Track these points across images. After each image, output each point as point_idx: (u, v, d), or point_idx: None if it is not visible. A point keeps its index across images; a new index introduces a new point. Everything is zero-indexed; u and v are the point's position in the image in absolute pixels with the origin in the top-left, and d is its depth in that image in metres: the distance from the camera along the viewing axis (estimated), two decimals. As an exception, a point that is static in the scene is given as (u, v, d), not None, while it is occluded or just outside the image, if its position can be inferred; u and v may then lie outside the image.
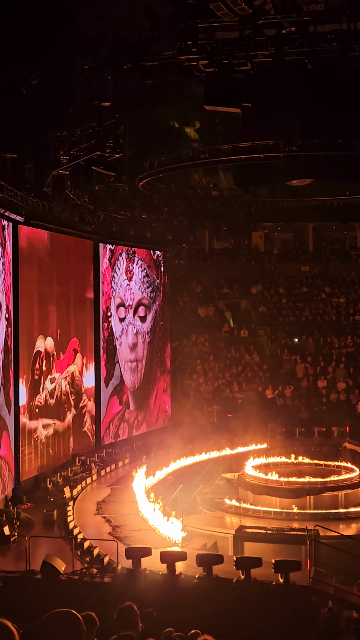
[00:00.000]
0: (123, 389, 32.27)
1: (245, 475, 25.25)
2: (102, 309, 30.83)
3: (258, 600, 15.85)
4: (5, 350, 22.56)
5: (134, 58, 16.76)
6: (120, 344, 32.03)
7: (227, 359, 37.65)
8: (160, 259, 35.18)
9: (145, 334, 33.86)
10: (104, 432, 30.72)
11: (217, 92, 15.69)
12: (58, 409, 26.85)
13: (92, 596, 15.42)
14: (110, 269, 31.18)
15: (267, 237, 43.90)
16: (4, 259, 22.74)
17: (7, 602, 14.82)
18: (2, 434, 22.15)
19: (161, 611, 12.64)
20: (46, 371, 25.92)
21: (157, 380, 34.96)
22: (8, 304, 23.01)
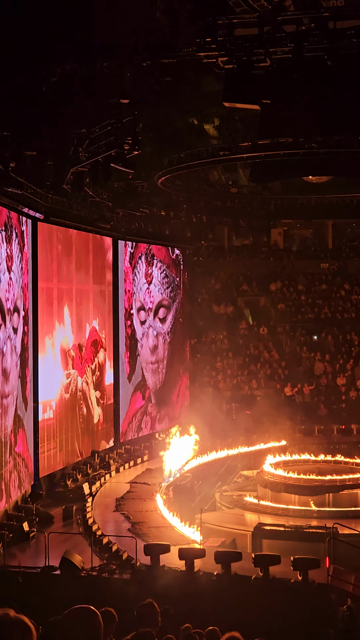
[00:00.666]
0: (146, 385, 32.39)
1: (264, 472, 25.23)
2: (125, 306, 30.93)
3: (276, 597, 15.84)
4: (22, 348, 22.63)
5: (153, 55, 16.76)
6: (141, 346, 32.16)
7: (246, 356, 37.59)
8: (179, 257, 35.19)
9: (165, 334, 33.94)
10: (126, 427, 30.83)
11: (236, 88, 15.66)
12: (76, 405, 26.93)
13: (111, 592, 15.47)
14: (131, 269, 31.26)
15: (287, 234, 43.78)
16: (23, 260, 22.81)
17: (26, 598, 14.88)
18: (18, 431, 22.24)
19: (179, 608, 12.66)
20: (64, 367, 25.99)
21: (179, 377, 35.03)
22: (25, 302, 23.08)
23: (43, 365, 24.35)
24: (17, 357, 22.01)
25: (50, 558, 16.88)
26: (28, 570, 16.72)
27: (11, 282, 21.50)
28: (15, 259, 21.99)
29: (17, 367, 22.00)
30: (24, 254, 22.88)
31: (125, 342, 30.93)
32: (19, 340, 22.20)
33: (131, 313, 31.37)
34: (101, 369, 29.13)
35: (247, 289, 41.02)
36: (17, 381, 22.03)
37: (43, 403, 24.31)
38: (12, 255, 21.70)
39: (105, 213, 28.49)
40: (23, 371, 22.73)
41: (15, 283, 21.94)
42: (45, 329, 24.59)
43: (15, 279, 21.94)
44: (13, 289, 21.67)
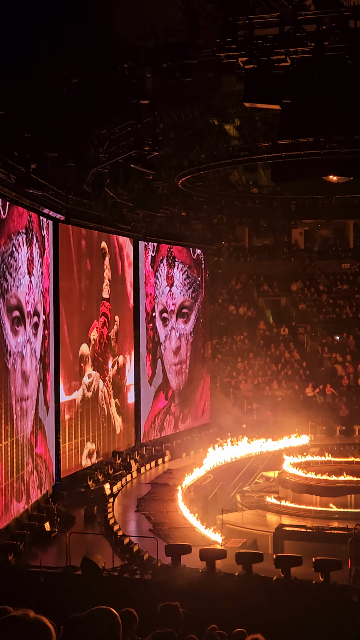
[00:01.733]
0: (169, 386, 32.43)
1: (286, 473, 25.16)
2: (147, 309, 30.99)
3: (298, 599, 15.78)
4: (43, 352, 22.71)
5: (173, 56, 16.74)
6: (164, 349, 32.21)
7: (267, 357, 37.51)
8: (200, 257, 35.18)
9: (188, 335, 33.97)
10: (149, 427, 30.88)
11: (257, 88, 15.62)
12: (97, 406, 26.98)
13: (132, 593, 15.48)
14: (152, 272, 31.31)
15: (307, 234, 43.66)
16: (43, 264, 22.90)
17: (47, 598, 14.93)
18: (38, 433, 22.32)
19: (200, 609, 12.64)
20: (84, 368, 26.06)
21: (201, 377, 35.03)
22: (46, 306, 23.15)
23: (64, 368, 24.42)
24: (37, 362, 22.08)
25: (72, 558, 16.92)
26: (49, 570, 16.77)
27: (31, 286, 21.58)
28: (36, 264, 22.08)
29: (36, 371, 22.07)
30: (44, 259, 22.96)
31: (147, 345, 30.98)
32: (38, 344, 22.28)
33: (153, 316, 31.41)
34: (121, 370, 29.17)
35: (268, 289, 40.94)
36: (36, 385, 22.10)
37: (64, 404, 24.38)
38: (33, 260, 21.79)
39: (126, 214, 28.53)
40: (44, 375, 22.80)
41: (36, 287, 22.01)
42: (66, 330, 24.66)
43: (36, 283, 22.02)
44: (33, 293, 21.75)
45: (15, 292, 20.32)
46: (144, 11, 18.07)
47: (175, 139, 24.96)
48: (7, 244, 19.60)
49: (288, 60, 15.42)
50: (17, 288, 20.38)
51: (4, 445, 19.16)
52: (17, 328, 20.33)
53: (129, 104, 18.70)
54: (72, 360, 25.05)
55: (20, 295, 20.65)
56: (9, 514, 19.46)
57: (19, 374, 20.53)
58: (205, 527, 20.57)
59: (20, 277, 20.66)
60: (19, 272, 20.48)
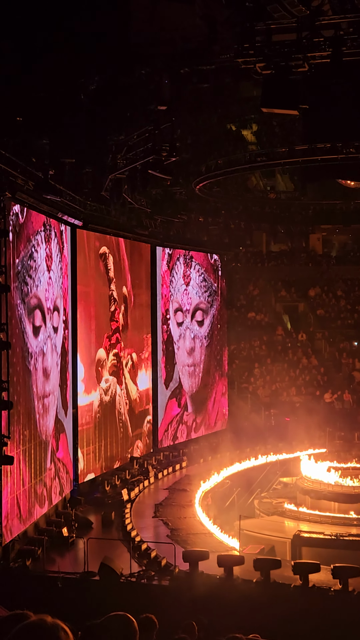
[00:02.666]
0: (181, 392, 32.35)
1: (304, 479, 25.06)
2: (162, 311, 30.97)
3: (316, 606, 15.71)
4: (62, 353, 22.79)
5: (191, 62, 16.77)
6: (178, 349, 32.13)
7: (285, 363, 37.41)
8: (217, 263, 35.16)
9: (202, 339, 33.88)
10: (162, 435, 30.82)
11: (275, 94, 15.59)
12: (115, 411, 27.01)
13: (150, 598, 15.47)
14: (168, 272, 31.30)
15: (325, 239, 43.54)
16: (62, 263, 22.98)
17: (65, 604, 14.94)
18: (60, 436, 22.37)
19: (218, 615, 12.61)
20: (102, 372, 26.09)
21: (215, 384, 34.93)
22: (66, 307, 23.25)
23: (81, 371, 24.48)
24: (57, 357, 22.16)
25: (89, 564, 16.93)
26: (67, 575, 16.79)
27: (51, 282, 21.67)
28: (55, 259, 22.17)
29: (57, 366, 22.16)
30: (63, 257, 23.04)
31: (162, 348, 30.97)
32: (59, 339, 22.36)
33: (167, 317, 31.38)
34: (138, 374, 29.17)
35: (286, 294, 40.85)
36: (57, 381, 22.19)
37: (81, 408, 24.42)
38: (52, 255, 21.87)
39: (144, 219, 28.58)
40: (63, 376, 22.87)
41: (55, 283, 22.11)
42: (84, 335, 24.71)
43: (55, 278, 22.11)
44: (53, 289, 21.86)
45: (36, 292, 20.42)
46: (161, 17, 18.10)
47: (192, 145, 24.99)
48: (26, 248, 19.70)
49: (306, 65, 15.40)
50: (37, 287, 20.49)
51: (27, 447, 19.20)
52: (37, 327, 20.43)
53: (146, 110, 18.73)
54: (89, 363, 25.08)
55: (40, 293, 20.74)
56: (32, 518, 19.51)
57: (41, 371, 20.63)
58: (223, 533, 20.53)
59: (40, 276, 20.76)
60: (38, 270, 20.58)
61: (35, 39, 15.65)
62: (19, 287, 19.08)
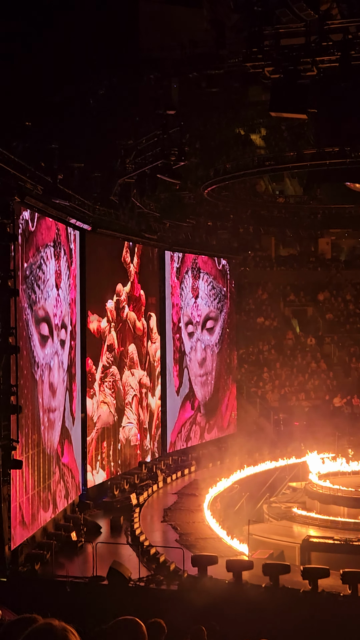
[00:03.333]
0: (195, 397, 32.39)
1: (313, 484, 24.99)
2: (174, 320, 31.04)
3: (325, 611, 15.65)
4: (69, 362, 22.78)
5: (199, 66, 16.79)
6: (190, 360, 32.21)
7: (294, 367, 37.36)
8: (226, 268, 35.15)
9: (213, 346, 33.94)
10: (175, 437, 30.85)
11: (283, 98, 15.59)
12: (124, 416, 26.99)
13: (158, 603, 15.44)
14: (178, 284, 31.35)
15: (334, 243, 43.48)
16: (69, 272, 22.99)
17: (73, 608, 14.94)
18: (64, 442, 22.36)
19: (227, 620, 12.57)
20: (113, 377, 26.09)
21: (227, 387, 34.97)
22: (72, 317, 23.22)
23: (90, 377, 24.48)
24: (64, 373, 22.16)
25: (98, 568, 16.92)
26: (76, 580, 16.78)
27: (59, 299, 21.66)
28: (64, 277, 22.19)
29: (64, 382, 22.14)
30: (71, 271, 23.06)
31: (173, 356, 31.00)
32: (65, 355, 22.36)
33: (179, 327, 31.44)
34: (149, 380, 29.17)
35: (295, 299, 40.80)
36: (63, 396, 22.17)
37: (90, 414, 24.42)
38: (61, 273, 21.90)
39: (152, 224, 28.59)
40: (70, 385, 22.87)
41: (63, 300, 22.09)
42: (93, 340, 24.72)
43: (64, 296, 22.09)
44: (61, 305, 21.84)
45: (44, 304, 20.44)
46: (170, 22, 18.14)
47: (201, 149, 25.01)
48: (35, 256, 19.72)
49: (314, 69, 15.40)
50: (45, 300, 20.50)
51: (31, 454, 19.22)
52: (45, 340, 20.43)
53: (155, 114, 18.76)
54: (97, 368, 25.08)
55: (48, 307, 20.75)
56: (36, 523, 19.50)
57: (47, 385, 20.61)
58: (232, 538, 20.48)
59: (49, 290, 20.78)
60: (47, 284, 20.61)
61: (44, 43, 15.72)
62: (26, 291, 19.09)
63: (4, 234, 17.59)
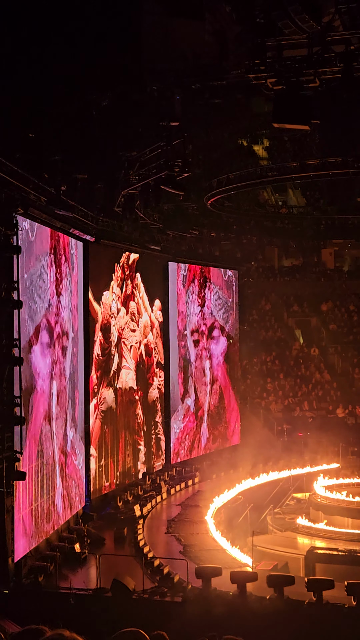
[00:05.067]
0: (199, 406, 32.36)
1: (317, 495, 24.93)
2: (179, 328, 31.05)
3: (330, 623, 15.58)
4: (71, 370, 22.76)
5: (202, 78, 16.83)
6: (195, 369, 32.22)
7: (297, 377, 37.31)
8: (232, 278, 35.17)
9: (219, 355, 33.93)
10: (178, 447, 30.82)
11: (286, 109, 15.63)
12: (127, 427, 26.96)
13: (162, 615, 15.38)
14: (184, 292, 31.38)
15: (337, 254, 43.47)
16: (71, 278, 23.01)
17: (77, 620, 14.86)
18: (68, 453, 22.32)
19: (231, 632, 12.50)
20: (117, 386, 26.08)
21: (231, 398, 34.93)
22: (74, 323, 23.22)
23: (93, 386, 24.47)
24: (65, 381, 22.14)
25: (102, 580, 16.87)
26: (79, 592, 16.72)
27: (60, 307, 21.67)
28: (65, 283, 22.19)
29: (65, 390, 22.12)
30: (73, 277, 23.06)
31: (179, 364, 31.00)
32: (68, 363, 22.34)
33: (185, 334, 31.44)
34: (153, 389, 29.15)
35: (298, 309, 40.79)
36: (66, 404, 22.15)
37: (93, 424, 24.38)
38: (62, 279, 21.90)
39: (156, 235, 28.62)
40: (72, 393, 22.85)
41: (64, 309, 22.07)
42: (96, 350, 24.73)
43: (65, 303, 22.10)
44: (62, 313, 21.82)
45: (45, 314, 20.43)
46: (172, 34, 18.19)
47: (204, 160, 25.05)
48: (35, 266, 19.73)
49: (317, 81, 15.44)
50: (45, 310, 20.49)
51: (35, 465, 19.19)
52: (46, 349, 20.42)
53: (158, 125, 18.80)
54: (100, 377, 25.08)
55: (49, 316, 20.75)
56: (40, 535, 19.45)
57: (47, 395, 20.59)
58: (236, 550, 20.41)
59: (50, 298, 20.78)
60: (47, 293, 20.61)
61: (47, 55, 15.76)
62: (27, 301, 19.08)
63: (8, 245, 17.61)
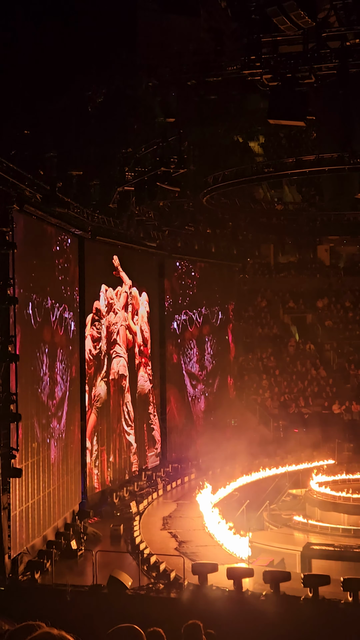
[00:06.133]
0: (194, 402, 32.40)
1: (312, 491, 24.95)
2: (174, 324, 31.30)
3: (326, 618, 15.60)
4: (69, 370, 22.78)
5: (198, 74, 16.83)
6: (188, 363, 32.38)
7: (293, 374, 37.33)
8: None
9: (211, 352, 34.05)
10: (172, 445, 30.83)
11: (281, 105, 15.63)
12: (123, 424, 26.96)
13: (159, 612, 15.39)
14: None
15: (333, 250, 43.47)
16: (69, 275, 23.01)
17: (74, 617, 14.88)
18: (68, 450, 22.33)
19: (228, 628, 12.53)
20: (115, 385, 26.08)
21: (226, 395, 34.97)
22: (74, 321, 23.23)
23: (90, 382, 24.48)
24: (66, 381, 22.16)
25: (98, 577, 16.87)
26: (76, 588, 16.73)
27: (58, 302, 21.69)
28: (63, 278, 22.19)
29: (64, 389, 22.13)
30: (70, 273, 23.05)
31: (172, 359, 31.07)
32: (65, 362, 22.37)
33: (178, 333, 31.55)
34: (148, 386, 29.16)
35: (294, 306, 40.79)
36: (64, 403, 22.16)
37: (90, 420, 24.39)
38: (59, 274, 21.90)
39: (151, 231, 28.61)
40: (68, 390, 22.84)
41: (63, 303, 22.11)
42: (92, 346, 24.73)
43: (62, 297, 22.11)
44: (59, 309, 21.85)
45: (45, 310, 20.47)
46: (168, 31, 18.19)
47: (200, 157, 25.04)
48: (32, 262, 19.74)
49: (312, 77, 15.44)
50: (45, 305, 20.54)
51: (31, 462, 19.18)
52: (45, 346, 20.46)
53: (154, 122, 18.80)
54: (97, 376, 25.08)
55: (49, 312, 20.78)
56: (36, 532, 19.45)
57: (46, 392, 20.61)
58: (232, 546, 20.43)
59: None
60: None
61: (42, 52, 15.75)
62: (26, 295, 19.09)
63: (3, 241, 17.60)
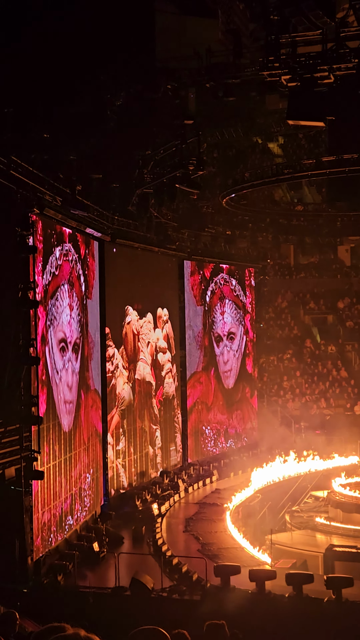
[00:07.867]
0: (215, 403, 32.40)
1: (335, 493, 24.85)
2: (195, 328, 31.35)
3: (349, 621, 15.53)
4: (81, 369, 22.81)
5: (216, 76, 16.84)
6: (215, 365, 32.51)
7: (314, 375, 37.21)
8: (246, 276, 35.20)
9: (235, 352, 34.07)
10: (195, 446, 30.85)
11: (300, 106, 15.60)
12: (145, 425, 26.99)
13: (181, 613, 15.38)
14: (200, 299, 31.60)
15: (354, 250, 43.27)
16: (89, 277, 23.05)
17: (96, 619, 14.91)
18: (89, 452, 22.37)
19: (251, 630, 12.50)
20: (140, 386, 26.11)
21: (247, 396, 34.92)
22: (91, 323, 23.25)
23: (111, 384, 24.52)
24: (78, 378, 22.13)
25: (121, 579, 16.89)
26: (98, 590, 16.75)
27: (72, 322, 21.48)
28: (81, 282, 22.20)
29: (82, 387, 22.16)
30: (91, 275, 23.08)
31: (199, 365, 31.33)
32: (83, 361, 22.40)
33: (206, 332, 31.65)
34: (171, 389, 29.16)
35: (315, 307, 40.65)
36: (88, 409, 22.20)
37: (112, 424, 24.43)
38: (77, 277, 21.92)
39: (171, 234, 28.63)
40: (87, 393, 22.88)
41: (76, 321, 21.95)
42: (115, 351, 24.78)
43: (76, 317, 21.89)
44: (72, 327, 21.64)
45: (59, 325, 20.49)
46: (186, 33, 18.21)
47: (219, 158, 25.04)
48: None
49: (331, 77, 15.40)
50: (60, 324, 20.55)
51: (52, 465, 19.24)
52: (64, 349, 20.50)
53: (173, 124, 18.83)
54: (119, 376, 25.13)
55: (65, 328, 20.71)
56: (59, 534, 19.51)
57: (66, 387, 20.66)
58: (254, 548, 20.40)
59: (63, 315, 20.81)
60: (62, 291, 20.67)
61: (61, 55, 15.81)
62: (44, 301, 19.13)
63: (24, 245, 17.66)
